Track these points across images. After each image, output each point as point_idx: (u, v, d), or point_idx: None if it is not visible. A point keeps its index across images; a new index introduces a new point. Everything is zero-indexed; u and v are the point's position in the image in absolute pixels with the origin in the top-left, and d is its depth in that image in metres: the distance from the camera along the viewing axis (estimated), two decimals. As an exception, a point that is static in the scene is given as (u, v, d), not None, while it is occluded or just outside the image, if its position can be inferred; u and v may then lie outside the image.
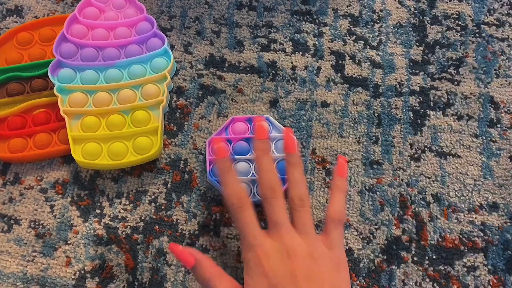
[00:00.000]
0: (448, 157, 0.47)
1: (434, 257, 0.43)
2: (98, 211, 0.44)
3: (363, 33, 0.53)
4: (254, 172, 0.44)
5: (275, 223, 0.36)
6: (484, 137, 0.48)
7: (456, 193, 0.45)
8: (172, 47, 0.51)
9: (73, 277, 0.41)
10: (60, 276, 0.41)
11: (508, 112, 0.49)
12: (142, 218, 0.43)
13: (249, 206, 0.37)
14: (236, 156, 0.44)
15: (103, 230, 0.43)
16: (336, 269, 0.35)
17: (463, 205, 0.45)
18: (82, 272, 0.41)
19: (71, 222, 0.43)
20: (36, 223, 0.43)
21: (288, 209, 0.38)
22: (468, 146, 0.47)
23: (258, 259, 0.35)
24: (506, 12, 0.54)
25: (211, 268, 0.36)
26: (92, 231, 0.43)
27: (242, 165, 0.44)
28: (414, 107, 0.49)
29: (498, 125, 0.48)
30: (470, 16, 0.54)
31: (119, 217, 0.43)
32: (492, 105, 0.49)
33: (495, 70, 0.51)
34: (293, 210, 0.37)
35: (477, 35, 0.53)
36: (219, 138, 0.44)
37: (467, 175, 0.46)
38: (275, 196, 0.37)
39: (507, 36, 0.53)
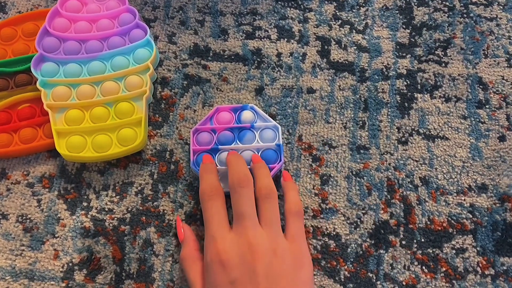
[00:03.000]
0: (436, 139, 0.46)
1: (422, 240, 0.42)
2: (85, 204, 0.44)
3: (348, 18, 0.52)
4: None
5: (240, 214, 0.36)
6: (472, 119, 0.47)
7: (445, 175, 0.45)
8: (156, 37, 0.51)
9: (61, 269, 0.41)
10: (48, 269, 0.41)
11: (497, 92, 0.48)
12: (129, 209, 0.43)
13: (220, 197, 0.37)
14: (220, 146, 0.44)
15: (90, 223, 0.43)
16: (298, 265, 0.35)
17: (451, 188, 0.44)
18: (70, 264, 0.41)
19: (58, 215, 0.43)
20: (24, 218, 0.43)
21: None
22: (456, 128, 0.47)
23: (218, 254, 0.34)
24: (494, -9, 0.54)
25: (190, 250, 0.38)
26: (79, 223, 0.43)
27: (226, 155, 0.44)
28: (401, 91, 0.49)
29: (487, 106, 0.48)
30: (457, -3, 0.53)
31: (106, 209, 0.43)
32: (481, 86, 0.49)
33: (483, 50, 0.50)
34: (260, 200, 0.37)
35: (464, 15, 0.52)
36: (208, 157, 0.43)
37: (456, 157, 0.46)
38: (242, 185, 0.37)
39: (495, 16, 0.52)
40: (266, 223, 0.36)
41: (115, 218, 0.43)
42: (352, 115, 0.47)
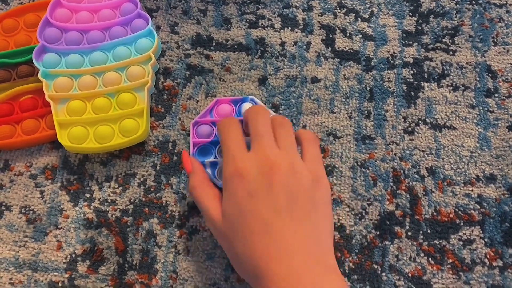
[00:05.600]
0: (443, 129, 0.45)
1: (429, 231, 0.42)
2: (87, 195, 0.44)
3: (354, 5, 0.51)
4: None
5: (257, 134, 0.36)
6: (480, 108, 0.46)
7: (452, 165, 0.44)
8: (158, 27, 0.50)
9: (64, 261, 0.41)
10: (51, 260, 0.41)
11: (506, 80, 0.47)
12: (132, 200, 0.43)
13: (237, 125, 0.38)
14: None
15: (93, 214, 0.43)
16: (316, 185, 0.35)
17: (458, 178, 0.43)
18: (73, 255, 0.41)
19: (61, 206, 0.43)
20: (27, 209, 0.43)
21: None
22: (464, 117, 0.46)
23: (237, 169, 0.34)
24: (504, -24, 0.52)
25: (200, 179, 0.38)
26: (82, 215, 0.43)
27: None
28: (408, 79, 0.48)
29: (496, 95, 0.47)
30: (466, -17, 0.52)
31: (109, 201, 0.43)
32: (489, 74, 0.47)
33: (492, 37, 0.49)
34: (275, 129, 0.37)
35: (473, 2, 0.51)
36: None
37: (463, 147, 0.45)
38: (260, 112, 0.38)
39: (505, 2, 0.51)
40: (282, 146, 0.36)
41: (118, 209, 0.43)
42: (357, 105, 0.47)
